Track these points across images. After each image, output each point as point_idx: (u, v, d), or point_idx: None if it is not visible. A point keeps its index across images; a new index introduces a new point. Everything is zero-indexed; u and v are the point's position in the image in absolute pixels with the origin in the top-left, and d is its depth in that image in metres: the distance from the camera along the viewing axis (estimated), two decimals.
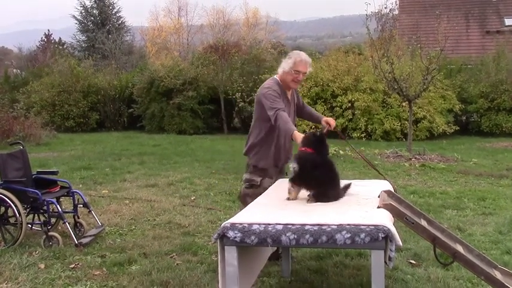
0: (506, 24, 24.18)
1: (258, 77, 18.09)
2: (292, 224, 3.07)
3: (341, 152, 11.48)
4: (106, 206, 6.91)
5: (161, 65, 20.97)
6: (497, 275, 3.41)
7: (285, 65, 4.46)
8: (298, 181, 3.77)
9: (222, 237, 3.08)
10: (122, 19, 36.11)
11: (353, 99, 16.00)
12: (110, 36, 32.17)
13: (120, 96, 20.40)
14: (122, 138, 16.88)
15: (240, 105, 17.83)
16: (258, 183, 4.55)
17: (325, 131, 4.38)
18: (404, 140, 14.57)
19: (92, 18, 34.62)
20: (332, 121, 4.55)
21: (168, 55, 30.56)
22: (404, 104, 14.59)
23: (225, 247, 3.07)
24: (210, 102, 18.96)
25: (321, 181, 3.68)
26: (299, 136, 4.03)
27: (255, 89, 17.69)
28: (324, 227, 3.01)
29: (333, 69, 16.82)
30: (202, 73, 18.89)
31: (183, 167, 10.25)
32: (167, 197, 7.52)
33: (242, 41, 25.26)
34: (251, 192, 4.52)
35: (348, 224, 3.00)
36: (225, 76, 18.60)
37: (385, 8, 13.12)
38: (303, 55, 4.47)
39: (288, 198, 3.77)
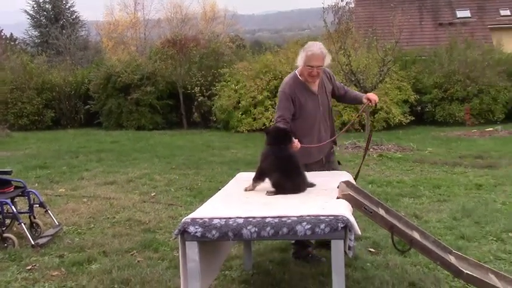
0: (458, 16, 24.89)
1: (217, 70, 18.05)
2: (253, 217, 3.08)
3: None
4: (63, 205, 6.76)
5: (118, 60, 20.61)
6: (452, 259, 3.52)
7: (300, 58, 4.33)
8: (258, 175, 3.87)
9: (183, 232, 3.06)
10: (76, 14, 35.26)
11: None
12: (63, 31, 31.30)
13: (76, 93, 19.92)
14: (78, 135, 16.53)
15: (199, 99, 17.72)
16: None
17: (363, 107, 4.57)
18: (362, 131, 14.81)
19: (45, 13, 33.64)
20: (373, 96, 4.52)
21: (125, 50, 30.08)
22: None
23: (186, 242, 3.06)
24: (169, 97, 18.77)
25: (278, 174, 3.73)
26: None
27: (214, 83, 17.68)
28: (284, 219, 3.03)
29: (291, 62, 16.87)
30: (161, 68, 18.68)
31: (143, 163, 10.13)
32: (126, 194, 7.42)
33: (200, 35, 25.04)
34: None
35: (308, 215, 3.04)
36: (184, 70, 18.45)
37: (342, 1, 13.32)
38: (315, 48, 4.26)
39: (245, 189, 3.86)
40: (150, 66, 18.78)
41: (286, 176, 3.75)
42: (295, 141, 3.99)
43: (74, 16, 35.12)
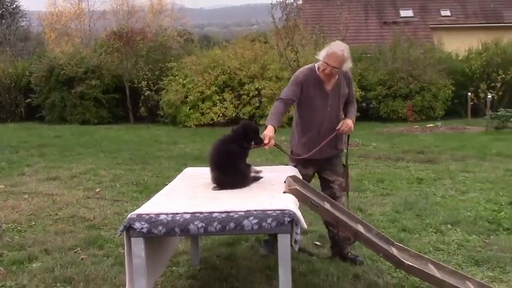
0: (402, 15, 25.65)
1: (165, 64, 17.83)
2: (200, 213, 3.07)
3: None
4: (2, 202, 6.50)
5: (61, 52, 19.97)
6: (394, 251, 3.64)
7: (322, 52, 4.22)
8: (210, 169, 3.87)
9: (129, 229, 3.01)
10: (16, 3, 33.96)
11: (260, 87, 16.20)
12: (3, 21, 30.06)
13: (16, 85, 19.12)
14: (19, 129, 15.92)
15: (146, 93, 17.45)
16: (292, 161, 4.47)
17: (337, 127, 4.34)
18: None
19: None
20: (347, 123, 4.32)
21: (69, 42, 29.13)
22: None
23: (132, 239, 3.01)
24: (115, 91, 18.37)
25: (221, 168, 3.77)
26: (265, 131, 4.03)
27: (161, 77, 17.45)
28: (231, 214, 3.04)
29: (240, 58, 16.92)
30: (106, 61, 18.26)
31: (87, 159, 9.88)
32: (70, 190, 7.22)
33: (147, 28, 24.65)
34: None
35: (255, 210, 3.05)
36: (130, 64, 18.11)
37: None
38: (338, 48, 4.15)
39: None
40: (95, 59, 18.32)
41: (223, 172, 3.76)
42: (268, 139, 3.95)
43: (14, 6, 33.78)
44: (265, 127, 4.09)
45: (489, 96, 15.13)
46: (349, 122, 4.34)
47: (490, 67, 17.69)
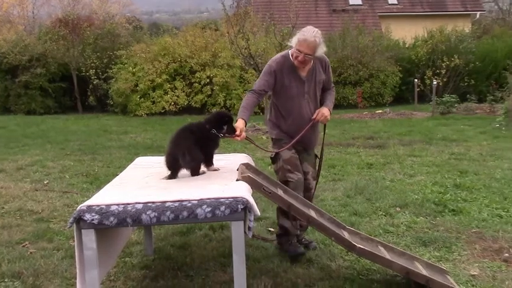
0: (351, 3, 26.00)
1: (113, 52, 17.44)
2: (153, 202, 3.04)
3: None
4: None
5: (3, 40, 19.17)
6: (346, 235, 3.72)
7: (293, 39, 4.08)
8: None
9: (79, 220, 2.95)
10: None
11: (211, 75, 16.11)
12: None
13: None
14: None
15: (94, 82, 17.05)
16: (273, 155, 4.30)
17: (313, 117, 4.24)
18: (261, 114, 15.05)
19: None
20: (323, 112, 4.23)
21: (12, 29, 27.97)
22: None
23: (82, 231, 2.94)
24: (62, 79, 17.85)
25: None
26: (237, 124, 3.96)
27: (110, 65, 17.07)
28: (184, 203, 3.02)
29: (190, 45, 16.74)
30: (52, 49, 17.66)
31: (34, 150, 9.57)
32: (16, 182, 6.98)
33: (94, 15, 23.98)
34: (275, 167, 4.29)
35: (208, 198, 3.04)
36: (77, 52, 17.61)
37: None
38: (309, 34, 3.98)
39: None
40: (40, 47, 17.70)
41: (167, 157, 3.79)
42: (239, 131, 3.88)
43: None
44: (236, 120, 3.99)
45: (434, 83, 15.60)
46: (324, 111, 4.23)
47: (435, 54, 18.23)
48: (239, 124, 3.96)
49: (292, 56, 4.13)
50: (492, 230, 4.77)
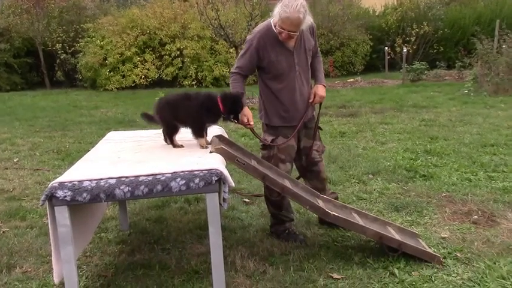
0: None
1: (80, 26, 17.01)
2: (126, 177, 3.01)
3: None
4: None
5: None
6: (320, 203, 3.77)
7: (275, 12, 3.67)
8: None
9: (51, 197, 2.90)
10: None
11: (181, 47, 15.89)
12: None
13: None
14: None
15: (62, 57, 16.64)
16: (269, 142, 3.95)
17: (310, 100, 3.99)
18: None
19: None
20: (320, 93, 3.98)
21: None
22: (231, 50, 14.91)
23: (55, 208, 2.90)
24: (27, 55, 17.32)
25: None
26: (243, 112, 3.74)
27: (77, 39, 16.66)
28: (158, 176, 3.00)
29: (159, 17, 16.42)
30: (15, 23, 17.04)
31: (1, 128, 9.35)
32: None
33: None
34: (266, 154, 3.98)
35: (182, 171, 3.03)
36: (42, 26, 17.05)
37: None
38: (292, 11, 3.53)
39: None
40: (3, 21, 17.06)
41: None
42: (251, 119, 3.72)
43: None
44: None
45: (404, 50, 15.73)
46: (320, 92, 3.98)
47: (404, 22, 18.31)
48: (248, 112, 3.76)
49: (275, 27, 3.73)
50: (461, 193, 4.90)
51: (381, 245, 3.64)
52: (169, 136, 3.75)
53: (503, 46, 12.61)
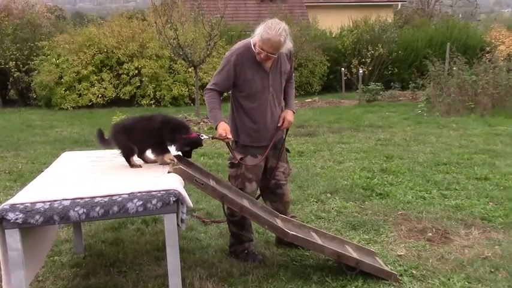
0: None
1: (35, 43, 16.65)
2: (81, 198, 2.94)
3: None
4: None
5: None
6: (279, 222, 3.78)
7: (257, 32, 3.71)
8: None
9: (1, 220, 2.80)
10: None
11: (140, 66, 15.77)
12: None
13: None
14: None
15: (15, 75, 16.20)
16: (237, 161, 3.92)
17: (279, 124, 3.98)
18: (192, 105, 14.95)
19: None
20: (288, 118, 3.97)
21: None
22: (190, 69, 14.90)
23: (6, 231, 2.80)
24: None
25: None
26: (221, 127, 3.74)
27: (31, 57, 16.29)
28: (114, 197, 2.94)
29: (117, 36, 16.27)
30: None
31: None
32: None
33: (12, 4, 22.70)
34: (234, 172, 3.98)
35: (139, 192, 2.99)
36: None
37: None
38: (274, 33, 3.60)
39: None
40: None
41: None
42: (228, 133, 3.74)
43: None
44: (216, 125, 3.77)
45: (360, 71, 16.11)
46: (289, 117, 3.98)
47: (360, 44, 18.79)
48: (225, 126, 3.76)
49: (254, 47, 3.76)
50: (416, 211, 5.01)
51: (339, 264, 3.67)
52: (126, 158, 3.69)
53: (454, 68, 13.11)
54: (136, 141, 3.64)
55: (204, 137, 3.74)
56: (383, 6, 26.57)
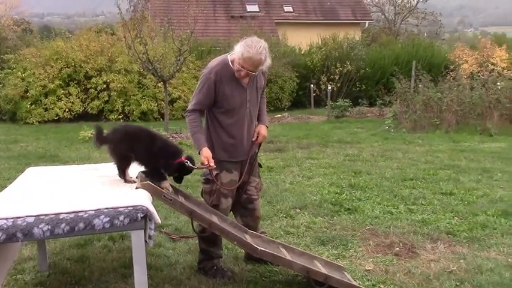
0: (248, 10, 26.48)
1: (0, 57, 16.33)
2: (46, 215, 2.88)
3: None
4: None
5: None
6: (248, 238, 3.76)
7: (237, 49, 3.72)
8: None
9: None
10: None
11: (108, 81, 15.62)
12: None
13: None
14: None
15: None
16: (212, 177, 3.88)
17: (253, 139, 4.02)
18: (161, 120, 14.86)
19: None
20: (263, 132, 4.04)
21: None
22: (159, 84, 14.83)
23: None
24: None
25: None
26: (204, 154, 3.74)
27: None
28: (80, 214, 2.89)
29: (85, 50, 16.11)
30: None
31: None
32: None
33: None
34: (208, 188, 3.96)
35: (106, 208, 2.94)
36: None
37: None
38: (255, 52, 3.64)
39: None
40: None
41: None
42: (211, 160, 3.74)
43: None
44: (200, 150, 3.77)
45: (329, 88, 16.32)
46: (263, 131, 4.05)
47: (329, 60, 19.05)
48: (207, 153, 3.75)
49: (232, 63, 3.78)
50: (384, 226, 5.07)
51: (308, 279, 3.67)
52: (123, 169, 3.65)
53: (420, 86, 13.40)
54: (134, 151, 3.61)
55: (188, 164, 3.69)
56: (351, 24, 27.07)
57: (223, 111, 3.88)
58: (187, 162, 3.67)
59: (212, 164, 3.74)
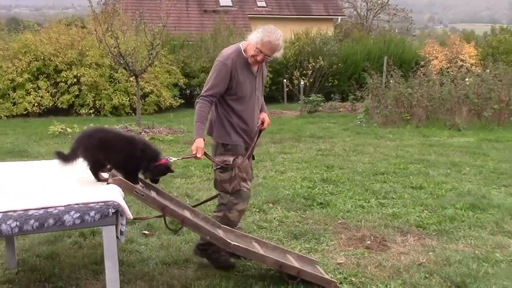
0: (221, 4, 26.38)
1: None
2: (14, 211, 2.82)
3: (68, 129, 11.13)
4: None
5: None
6: (220, 233, 3.76)
7: (254, 37, 3.86)
8: None
9: None
10: None
11: (79, 75, 15.37)
12: None
13: None
14: None
15: None
16: (231, 163, 3.93)
17: (257, 126, 4.10)
18: (133, 114, 14.71)
19: None
20: (267, 119, 4.18)
21: None
22: (131, 78, 14.68)
23: None
24: None
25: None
26: (196, 144, 3.77)
27: None
28: (50, 210, 2.84)
29: (54, 43, 15.81)
30: None
31: None
32: None
33: None
34: (227, 176, 3.94)
35: (77, 204, 2.90)
36: None
37: None
38: (274, 37, 3.82)
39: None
40: None
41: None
42: (200, 152, 3.76)
43: None
44: (194, 139, 3.81)
45: (302, 83, 16.39)
46: (267, 119, 4.21)
47: (302, 56, 19.14)
48: (200, 144, 3.78)
49: (245, 51, 3.92)
50: (355, 220, 5.13)
51: (281, 273, 3.69)
52: (95, 173, 3.51)
53: (391, 81, 13.58)
54: (111, 160, 3.48)
55: (173, 159, 3.70)
56: (323, 19, 27.24)
57: (235, 98, 3.97)
58: (169, 159, 3.66)
59: (199, 155, 3.78)
